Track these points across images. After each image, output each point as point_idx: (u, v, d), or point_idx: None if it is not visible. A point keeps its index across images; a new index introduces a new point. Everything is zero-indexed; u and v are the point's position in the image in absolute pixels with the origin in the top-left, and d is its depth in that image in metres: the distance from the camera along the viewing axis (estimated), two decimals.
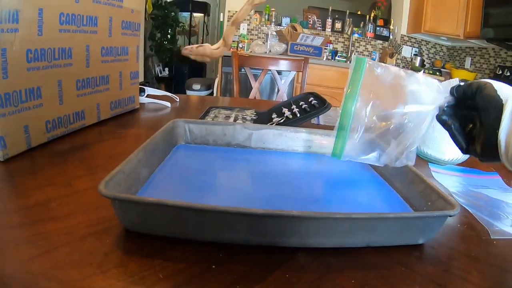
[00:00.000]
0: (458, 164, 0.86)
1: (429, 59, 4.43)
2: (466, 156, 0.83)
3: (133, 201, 0.40)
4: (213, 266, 0.37)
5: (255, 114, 1.07)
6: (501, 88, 0.48)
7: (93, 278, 0.34)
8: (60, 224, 0.42)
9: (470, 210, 0.60)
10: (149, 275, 0.35)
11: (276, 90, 2.52)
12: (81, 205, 0.48)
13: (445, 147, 0.82)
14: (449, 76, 3.72)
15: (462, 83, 0.52)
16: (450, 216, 0.44)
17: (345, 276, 0.38)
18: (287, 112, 1.00)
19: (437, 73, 3.82)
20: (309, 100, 1.04)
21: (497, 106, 0.46)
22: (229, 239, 0.41)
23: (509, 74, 3.27)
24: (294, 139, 0.74)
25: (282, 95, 1.95)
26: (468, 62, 3.98)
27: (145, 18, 4.61)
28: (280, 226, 0.40)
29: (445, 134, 0.74)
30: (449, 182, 0.74)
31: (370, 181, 0.64)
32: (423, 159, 0.88)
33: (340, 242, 0.43)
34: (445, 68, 3.96)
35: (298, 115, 0.96)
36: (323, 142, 0.74)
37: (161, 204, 0.38)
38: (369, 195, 0.59)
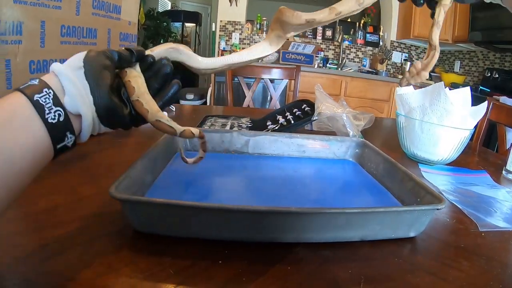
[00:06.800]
0: (447, 164, 0.88)
1: None
2: (455, 156, 0.85)
3: (144, 203, 0.43)
4: (220, 262, 0.39)
5: (250, 122, 1.10)
6: None
7: (105, 277, 0.35)
8: (68, 228, 0.44)
9: (459, 206, 0.63)
10: (159, 271, 0.37)
11: (269, 98, 2.54)
12: (87, 210, 0.49)
13: (434, 149, 0.84)
14: (439, 80, 3.76)
15: None
16: (437, 209, 0.47)
17: (342, 268, 0.41)
18: (281, 119, 1.02)
19: (428, 78, 3.86)
20: (302, 107, 1.07)
21: None
22: (231, 237, 0.43)
23: (497, 76, 3.30)
24: (289, 145, 0.76)
25: (275, 103, 1.97)
26: (457, 65, 4.03)
27: (138, 29, 4.63)
28: (279, 222, 0.42)
29: (433, 136, 0.76)
30: (438, 181, 0.76)
31: (362, 181, 0.67)
32: (413, 160, 0.90)
33: (336, 237, 0.45)
34: (435, 72, 4.00)
35: (292, 121, 0.99)
36: (317, 146, 0.77)
37: (171, 204, 0.40)
38: (362, 194, 0.62)
